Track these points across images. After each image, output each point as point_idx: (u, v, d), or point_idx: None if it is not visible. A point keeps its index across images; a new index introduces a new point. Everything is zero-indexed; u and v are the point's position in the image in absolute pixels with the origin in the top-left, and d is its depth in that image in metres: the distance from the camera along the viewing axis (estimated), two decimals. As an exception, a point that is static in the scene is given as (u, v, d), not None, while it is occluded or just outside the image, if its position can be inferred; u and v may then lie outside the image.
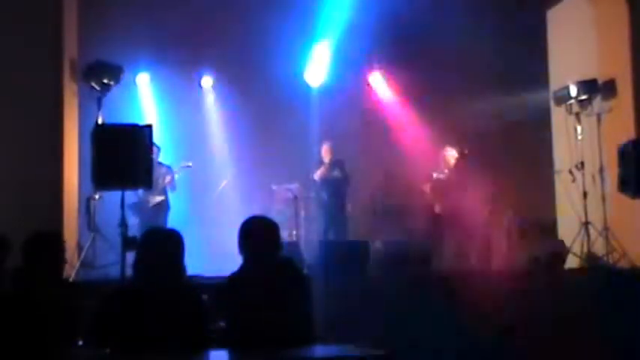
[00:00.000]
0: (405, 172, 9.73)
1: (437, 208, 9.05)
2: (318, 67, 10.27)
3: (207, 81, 10.36)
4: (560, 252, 7.61)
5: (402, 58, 10.24)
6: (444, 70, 10.04)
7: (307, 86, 10.35)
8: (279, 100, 10.04)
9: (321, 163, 9.42)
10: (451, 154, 9.14)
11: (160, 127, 9.07)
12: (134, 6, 9.05)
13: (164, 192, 8.87)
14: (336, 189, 9.39)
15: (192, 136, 10.09)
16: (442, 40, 9.77)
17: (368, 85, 10.66)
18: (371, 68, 10.63)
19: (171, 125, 9.79)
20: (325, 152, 9.43)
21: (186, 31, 9.48)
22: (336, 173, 9.39)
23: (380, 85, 10.65)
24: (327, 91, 10.33)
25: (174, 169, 9.00)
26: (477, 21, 9.15)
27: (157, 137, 7.79)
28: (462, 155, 9.06)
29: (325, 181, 9.36)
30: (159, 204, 8.79)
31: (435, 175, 9.18)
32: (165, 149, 9.04)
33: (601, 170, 8.36)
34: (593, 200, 8.26)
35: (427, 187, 9.17)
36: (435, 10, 9.40)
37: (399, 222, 9.32)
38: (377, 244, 8.19)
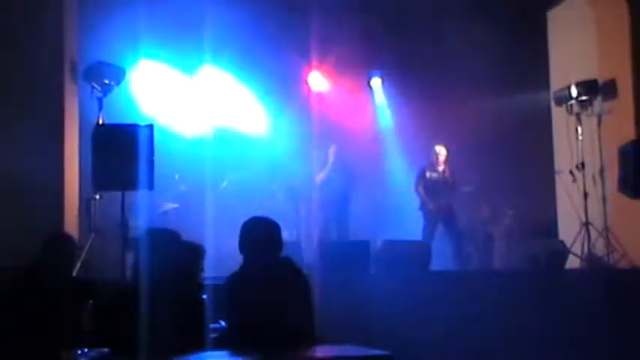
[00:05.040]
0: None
1: (431, 207, 9.06)
2: (318, 68, 10.27)
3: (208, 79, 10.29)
4: (560, 252, 7.61)
5: (402, 59, 10.24)
6: (444, 71, 10.04)
7: (310, 85, 10.35)
8: (281, 98, 10.03)
9: (325, 164, 9.43)
10: (439, 151, 9.18)
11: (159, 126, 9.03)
12: (135, 6, 9.03)
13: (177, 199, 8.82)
14: (338, 191, 9.38)
15: (192, 135, 10.07)
16: (442, 41, 9.78)
17: (369, 86, 10.66)
18: (372, 70, 10.62)
19: (171, 124, 9.77)
20: (330, 154, 9.45)
21: (187, 30, 9.47)
22: (338, 175, 9.39)
23: (380, 86, 10.65)
24: (328, 91, 10.34)
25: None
26: (477, 21, 9.14)
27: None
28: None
29: (328, 182, 9.35)
30: (167, 212, 8.72)
31: (428, 174, 9.19)
32: (164, 147, 9.01)
33: (601, 171, 8.37)
34: (594, 200, 8.26)
35: (420, 187, 9.18)
36: (435, 11, 9.40)
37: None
38: (377, 244, 8.19)
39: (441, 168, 9.18)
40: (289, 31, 9.56)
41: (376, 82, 10.59)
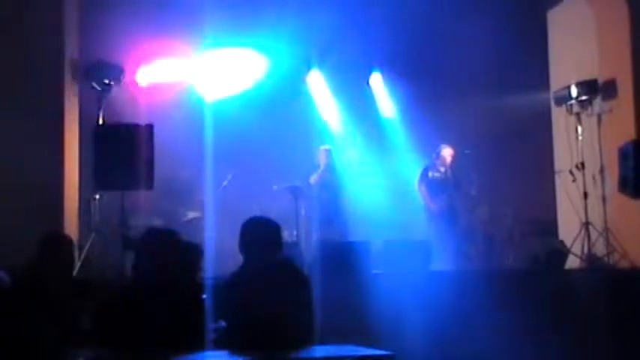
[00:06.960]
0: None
1: (433, 207, 9.04)
2: (317, 70, 10.28)
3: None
4: (560, 252, 7.61)
5: (401, 58, 10.24)
6: (444, 70, 10.04)
7: (309, 84, 10.36)
8: (282, 98, 10.05)
9: (318, 166, 9.43)
10: (447, 152, 9.15)
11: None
12: (135, 5, 9.04)
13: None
14: (332, 192, 9.37)
15: (193, 135, 10.06)
16: (442, 41, 9.78)
17: (368, 85, 10.66)
18: (372, 69, 10.62)
19: (171, 123, 9.75)
20: (321, 156, 9.44)
21: (188, 30, 9.47)
22: (331, 177, 9.38)
23: (380, 85, 10.65)
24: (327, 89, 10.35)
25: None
26: (477, 21, 9.14)
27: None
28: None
29: (321, 184, 9.34)
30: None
31: (430, 173, 9.18)
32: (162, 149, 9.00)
33: (601, 170, 8.37)
34: (594, 200, 8.26)
35: (423, 186, 9.17)
36: (436, 11, 9.40)
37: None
38: (378, 244, 8.19)
39: (443, 168, 9.16)
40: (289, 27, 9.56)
41: (376, 81, 10.60)
